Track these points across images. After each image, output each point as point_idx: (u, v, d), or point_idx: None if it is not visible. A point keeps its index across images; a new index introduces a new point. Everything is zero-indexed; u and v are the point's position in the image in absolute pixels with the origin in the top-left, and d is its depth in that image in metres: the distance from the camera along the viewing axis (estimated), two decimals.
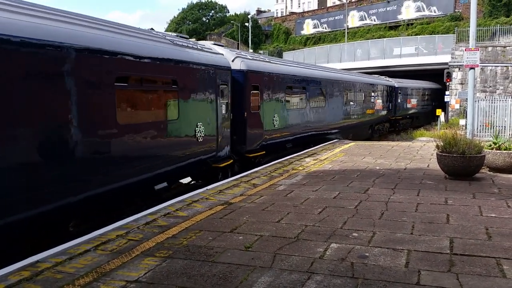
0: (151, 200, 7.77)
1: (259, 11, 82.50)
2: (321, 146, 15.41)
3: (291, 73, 15.05)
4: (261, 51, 54.91)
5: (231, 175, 10.78)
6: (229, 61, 11.45)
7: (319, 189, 8.10)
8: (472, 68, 12.74)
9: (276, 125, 13.59)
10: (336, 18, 59.53)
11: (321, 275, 4.18)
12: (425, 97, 36.12)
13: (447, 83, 28.04)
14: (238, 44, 62.89)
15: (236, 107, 11.52)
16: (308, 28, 63.22)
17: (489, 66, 27.08)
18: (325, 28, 61.26)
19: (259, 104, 12.50)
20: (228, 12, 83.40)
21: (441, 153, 8.98)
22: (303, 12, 69.64)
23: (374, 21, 55.28)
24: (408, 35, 44.91)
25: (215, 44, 12.22)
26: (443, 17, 47.80)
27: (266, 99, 12.96)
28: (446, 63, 29.68)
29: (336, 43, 52.46)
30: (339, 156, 12.85)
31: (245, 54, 13.61)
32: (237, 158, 11.71)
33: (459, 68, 27.66)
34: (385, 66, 38.60)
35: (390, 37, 46.05)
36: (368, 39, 47.25)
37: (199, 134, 9.52)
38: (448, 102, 27.01)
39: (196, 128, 9.44)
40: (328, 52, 44.98)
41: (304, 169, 10.50)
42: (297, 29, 64.90)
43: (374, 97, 24.90)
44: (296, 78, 15.31)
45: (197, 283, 4.06)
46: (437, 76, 32.36)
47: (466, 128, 14.24)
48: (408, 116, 32.27)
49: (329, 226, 5.76)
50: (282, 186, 8.49)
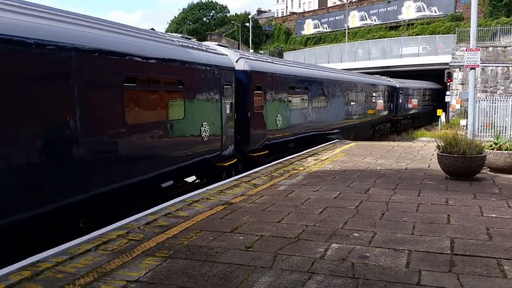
0: (157, 198, 7.91)
1: (259, 11, 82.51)
2: (321, 146, 15.40)
3: (294, 74, 15.06)
4: (262, 51, 54.92)
5: (235, 174, 10.88)
6: (233, 62, 11.51)
7: (320, 189, 8.09)
8: (472, 68, 12.74)
9: (279, 125, 13.64)
10: (336, 18, 59.53)
11: (321, 275, 4.18)
12: (426, 98, 36.09)
13: (448, 83, 28.02)
14: (238, 44, 62.87)
15: (239, 107, 11.61)
16: (309, 28, 63.22)
17: (489, 66, 27.07)
18: (326, 28, 61.26)
19: (262, 104, 12.55)
20: (229, 12, 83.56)
21: (442, 154, 8.98)
22: (304, 12, 69.65)
23: (375, 21, 55.28)
24: (408, 35, 44.89)
25: (219, 45, 12.32)
26: (443, 17, 47.78)
27: (269, 99, 13.01)
28: (447, 63, 29.67)
29: (336, 43, 52.47)
30: (340, 156, 12.84)
31: (248, 54, 13.67)
32: (241, 157, 11.80)
33: (460, 68, 27.65)
34: (385, 66, 38.60)
35: (390, 37, 46.04)
36: (369, 39, 47.22)
37: (204, 134, 9.64)
38: (448, 102, 26.99)
39: (201, 128, 9.56)
40: (329, 52, 45.00)
41: (304, 169, 10.50)
42: (297, 29, 64.91)
43: (376, 97, 24.89)
44: (298, 78, 15.33)
45: (197, 283, 4.06)
46: (438, 76, 32.35)
47: (467, 128, 14.26)
48: (409, 116, 32.26)
49: (329, 226, 5.76)
50: (282, 186, 8.49)
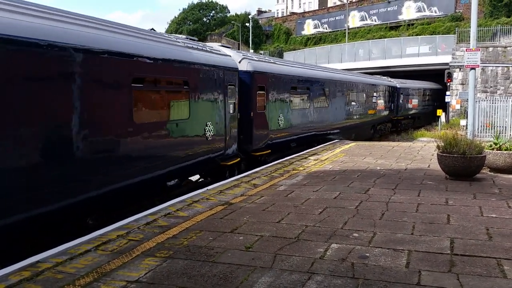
0: (161, 197, 8.09)
1: (259, 11, 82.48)
2: (321, 146, 15.40)
3: (296, 74, 15.16)
4: (262, 52, 54.91)
5: (238, 173, 11.01)
6: (236, 63, 11.63)
7: (320, 190, 8.09)
8: (473, 68, 12.74)
9: (281, 124, 13.75)
10: (336, 18, 59.51)
11: (321, 276, 4.18)
12: (426, 98, 36.09)
13: (448, 84, 28.01)
14: (238, 44, 62.87)
15: (242, 107, 11.75)
16: (309, 28, 63.21)
17: (490, 66, 27.07)
18: (326, 29, 61.24)
19: (265, 104, 12.68)
20: (229, 12, 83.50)
21: (441, 154, 8.98)
22: (304, 12, 69.64)
23: (375, 21, 55.26)
24: (408, 36, 44.87)
25: (222, 46, 12.48)
26: (443, 17, 47.76)
27: (272, 99, 13.12)
28: (447, 64, 29.65)
29: (336, 43, 52.45)
30: (340, 156, 12.84)
31: (251, 55, 13.82)
32: (244, 156, 11.93)
33: (460, 68, 27.65)
34: (386, 66, 38.58)
35: (391, 37, 46.01)
36: (369, 39, 47.20)
37: (208, 133, 9.79)
38: (448, 102, 26.99)
39: (206, 127, 9.71)
40: (329, 52, 44.99)
41: (304, 169, 10.50)
42: (297, 29, 64.89)
43: (376, 97, 24.92)
44: (300, 78, 15.43)
45: (197, 284, 4.06)
46: (438, 77, 32.35)
47: (466, 128, 14.27)
48: (409, 117, 32.27)
49: (329, 226, 5.76)
50: (282, 186, 8.49)
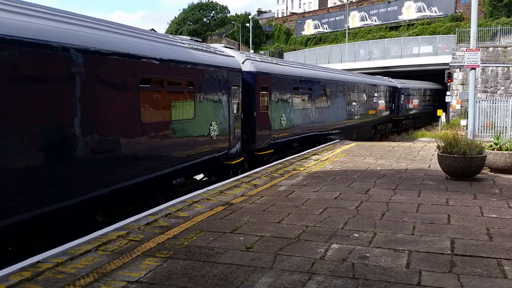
0: (168, 195, 8.26)
1: (259, 12, 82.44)
2: (322, 147, 15.42)
3: (298, 75, 15.27)
4: (262, 52, 54.88)
5: (241, 172, 11.16)
6: (239, 63, 11.75)
7: (320, 190, 8.09)
8: (473, 68, 12.74)
9: (284, 124, 13.88)
10: (337, 18, 59.49)
11: (322, 276, 4.18)
12: (426, 98, 36.10)
13: (448, 84, 28.00)
14: (239, 44, 62.81)
15: (246, 107, 11.88)
16: (309, 28, 63.19)
17: (490, 66, 27.05)
18: (326, 29, 61.23)
19: (267, 105, 12.79)
20: (229, 12, 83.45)
21: (442, 154, 8.97)
22: (304, 12, 69.64)
23: (375, 21, 55.25)
24: (409, 36, 44.84)
25: (226, 47, 12.61)
26: (444, 17, 47.75)
27: (274, 99, 13.23)
28: (447, 64, 29.63)
29: (337, 43, 52.42)
30: (340, 156, 12.84)
31: (254, 56, 13.96)
32: (247, 156, 12.07)
33: (460, 68, 27.63)
34: (386, 66, 38.53)
35: (391, 37, 45.98)
36: (369, 39, 47.17)
37: (213, 133, 9.93)
38: (449, 102, 26.98)
39: (210, 127, 9.84)
40: (329, 52, 44.93)
41: (305, 169, 10.50)
42: (297, 30, 64.88)
43: (377, 97, 24.95)
44: (302, 79, 15.53)
45: (198, 284, 4.06)
46: (438, 77, 32.33)
47: (467, 128, 14.25)
48: (410, 117, 32.28)
49: (330, 226, 5.76)
50: (283, 186, 8.49)
